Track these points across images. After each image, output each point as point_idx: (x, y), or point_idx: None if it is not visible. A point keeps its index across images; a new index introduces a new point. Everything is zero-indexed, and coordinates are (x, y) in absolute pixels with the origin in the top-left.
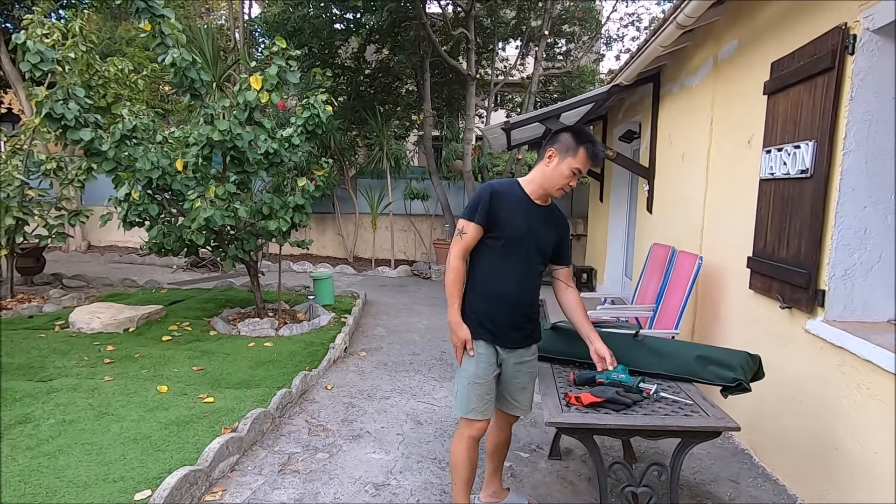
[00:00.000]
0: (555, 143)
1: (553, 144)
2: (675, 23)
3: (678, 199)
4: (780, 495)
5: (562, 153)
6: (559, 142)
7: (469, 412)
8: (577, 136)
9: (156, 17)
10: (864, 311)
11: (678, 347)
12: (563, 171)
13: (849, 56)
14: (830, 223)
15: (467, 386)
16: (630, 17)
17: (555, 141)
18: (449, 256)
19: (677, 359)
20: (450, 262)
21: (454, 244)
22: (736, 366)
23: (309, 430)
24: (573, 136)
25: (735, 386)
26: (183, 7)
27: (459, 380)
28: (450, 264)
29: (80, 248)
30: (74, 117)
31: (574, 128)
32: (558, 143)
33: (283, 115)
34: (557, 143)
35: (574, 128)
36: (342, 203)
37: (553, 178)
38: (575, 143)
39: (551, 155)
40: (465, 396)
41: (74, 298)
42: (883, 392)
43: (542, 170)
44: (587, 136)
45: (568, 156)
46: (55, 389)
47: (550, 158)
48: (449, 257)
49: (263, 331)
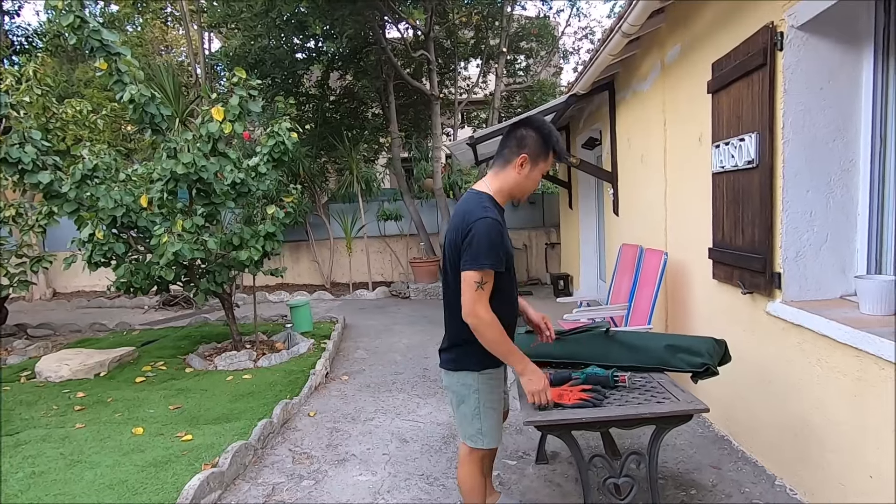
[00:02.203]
0: (524, 147)
1: (524, 149)
2: (621, 32)
3: (641, 200)
4: (759, 476)
5: (534, 159)
6: (529, 146)
7: (498, 441)
8: (546, 138)
9: (111, 55)
10: (818, 289)
11: (648, 339)
12: (535, 178)
13: (778, 52)
14: (779, 209)
15: (496, 413)
16: (584, 30)
17: (524, 144)
18: (479, 312)
19: (648, 350)
20: (484, 318)
21: (479, 300)
22: (703, 352)
23: (293, 459)
24: (542, 138)
25: (703, 371)
26: (141, 46)
27: (488, 411)
28: (485, 320)
29: (45, 295)
30: (32, 160)
31: (540, 126)
32: (528, 147)
33: (249, 146)
34: (528, 148)
35: (540, 126)
36: (316, 229)
37: (525, 185)
38: (545, 146)
39: (523, 162)
40: (497, 426)
41: (41, 348)
42: (840, 364)
43: (513, 177)
44: (554, 135)
45: (540, 161)
46: (23, 442)
47: (523, 166)
48: (480, 313)
49: (241, 363)
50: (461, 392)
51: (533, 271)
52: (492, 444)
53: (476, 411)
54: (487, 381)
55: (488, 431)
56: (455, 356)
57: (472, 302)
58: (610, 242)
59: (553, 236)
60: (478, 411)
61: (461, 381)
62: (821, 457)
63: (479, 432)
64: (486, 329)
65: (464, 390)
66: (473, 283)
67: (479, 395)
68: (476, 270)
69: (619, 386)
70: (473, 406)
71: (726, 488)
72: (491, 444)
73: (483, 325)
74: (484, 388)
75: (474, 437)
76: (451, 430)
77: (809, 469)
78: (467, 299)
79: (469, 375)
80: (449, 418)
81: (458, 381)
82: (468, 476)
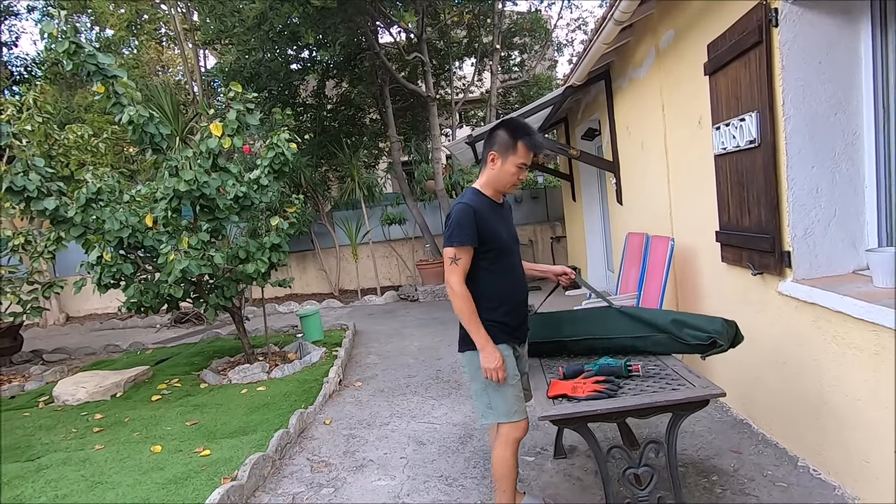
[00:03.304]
0: (493, 145)
1: (492, 147)
2: (613, 20)
3: (644, 187)
4: (781, 458)
5: (502, 153)
6: (497, 143)
7: (513, 415)
8: (513, 133)
9: (108, 78)
10: (829, 265)
11: (654, 313)
12: (509, 170)
13: (774, 29)
14: (784, 187)
15: (506, 389)
16: (576, 21)
17: (492, 143)
18: (451, 285)
19: (654, 322)
20: (455, 290)
21: (452, 272)
22: (710, 329)
23: (311, 468)
24: (508, 134)
25: (710, 344)
26: (137, 67)
27: (496, 388)
28: (456, 292)
29: (59, 320)
30: (36, 188)
31: (508, 123)
32: (496, 144)
33: (250, 160)
34: (496, 145)
35: (508, 123)
36: (321, 238)
37: (502, 178)
38: (512, 139)
39: (493, 158)
40: (507, 402)
41: (57, 372)
42: (857, 340)
43: (489, 173)
44: (522, 129)
45: (509, 154)
46: (44, 466)
47: (494, 161)
48: (451, 285)
49: (255, 376)
50: (471, 370)
51: None
52: (502, 419)
53: (483, 387)
54: None
55: (497, 406)
56: (462, 336)
57: (447, 274)
58: (616, 232)
59: (558, 230)
60: (484, 387)
61: (470, 360)
62: (842, 435)
63: (488, 406)
64: (455, 299)
65: (471, 368)
66: (448, 258)
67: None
68: (449, 247)
69: (632, 375)
70: (481, 384)
71: (748, 472)
72: (501, 419)
73: (453, 296)
74: None
75: (485, 412)
76: (467, 430)
77: (832, 448)
78: (445, 273)
79: (474, 354)
80: (464, 418)
81: (468, 360)
82: (498, 460)
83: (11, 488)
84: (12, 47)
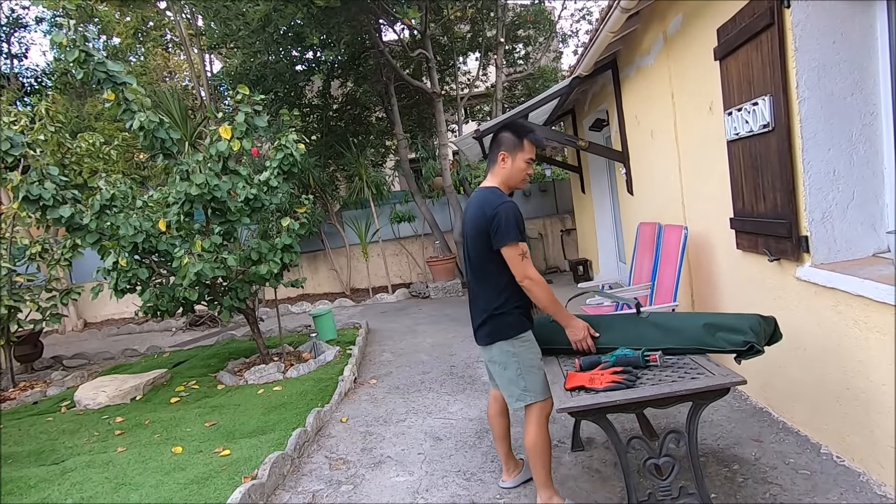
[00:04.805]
0: (501, 146)
1: (500, 147)
2: (620, 8)
3: (655, 176)
4: (803, 446)
5: (511, 152)
6: (504, 143)
7: (546, 393)
8: (517, 132)
9: (118, 85)
10: (849, 249)
11: (684, 319)
12: (519, 166)
13: (786, 10)
14: (800, 170)
15: (538, 371)
16: (580, 12)
17: (500, 144)
18: (530, 277)
19: (685, 331)
20: (537, 280)
21: (527, 266)
22: (746, 329)
23: (330, 466)
24: (514, 134)
25: (748, 349)
26: (145, 74)
27: (529, 371)
28: (537, 281)
29: (77, 327)
30: (52, 196)
31: (511, 125)
32: (504, 144)
33: (259, 162)
34: (504, 145)
35: (511, 125)
36: (331, 238)
37: (513, 175)
38: (518, 138)
39: (504, 157)
40: (540, 382)
41: (77, 377)
42: (880, 323)
43: (500, 172)
44: (525, 128)
45: (517, 151)
46: (69, 469)
47: (504, 160)
48: (531, 277)
49: (271, 376)
50: (502, 360)
51: (551, 260)
52: (538, 398)
53: (518, 373)
54: (522, 344)
55: (532, 387)
56: (489, 330)
57: (522, 269)
58: (627, 223)
59: (568, 223)
60: (520, 372)
61: (500, 350)
62: (867, 421)
63: (525, 390)
64: (537, 288)
65: (504, 357)
66: (517, 255)
67: (519, 359)
68: (514, 244)
69: (650, 365)
70: (515, 369)
71: (770, 461)
72: (538, 398)
73: (535, 285)
74: (521, 351)
75: (521, 395)
76: (483, 425)
77: (856, 434)
78: (518, 270)
79: (506, 343)
80: (480, 413)
81: (498, 351)
82: (535, 438)
83: (38, 491)
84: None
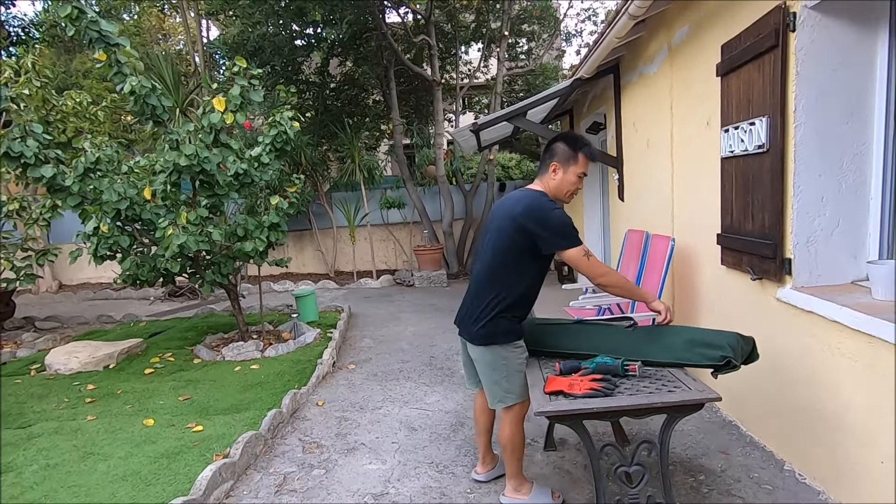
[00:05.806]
0: (554, 157)
1: (553, 158)
2: (628, 14)
3: (647, 185)
4: (768, 461)
5: (563, 164)
6: (557, 154)
7: (525, 395)
8: (573, 144)
9: (110, 46)
10: (829, 275)
11: (667, 334)
12: (570, 179)
13: (791, 33)
14: (790, 194)
15: (521, 374)
16: (586, 12)
17: (553, 154)
18: (600, 269)
19: (666, 345)
20: (607, 272)
21: (595, 265)
22: (724, 345)
23: (303, 448)
24: (569, 146)
25: (724, 364)
26: (139, 35)
27: (515, 374)
28: (608, 273)
29: (52, 288)
30: (34, 154)
31: (566, 137)
32: (557, 155)
33: (251, 136)
34: (557, 156)
35: (566, 137)
36: (319, 219)
37: (563, 187)
38: (573, 151)
39: (555, 168)
40: (522, 384)
41: (49, 340)
42: (852, 350)
43: (549, 182)
44: (581, 141)
45: (570, 164)
46: (36, 435)
47: (556, 171)
48: (601, 269)
49: (249, 354)
50: (493, 362)
51: None
52: (519, 399)
53: (505, 376)
54: (514, 349)
55: (514, 390)
56: (487, 332)
57: (592, 268)
58: (615, 228)
59: None
60: (506, 376)
61: (493, 354)
62: (831, 441)
63: (508, 392)
64: (614, 279)
65: (495, 361)
66: (582, 256)
67: (508, 363)
68: (577, 248)
69: (629, 375)
70: (503, 373)
71: (735, 473)
72: (518, 399)
73: (610, 278)
74: (512, 357)
75: (504, 397)
76: (458, 417)
77: (820, 455)
78: (588, 270)
79: (500, 348)
80: (456, 406)
81: (490, 354)
82: (511, 435)
83: (3, 455)
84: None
